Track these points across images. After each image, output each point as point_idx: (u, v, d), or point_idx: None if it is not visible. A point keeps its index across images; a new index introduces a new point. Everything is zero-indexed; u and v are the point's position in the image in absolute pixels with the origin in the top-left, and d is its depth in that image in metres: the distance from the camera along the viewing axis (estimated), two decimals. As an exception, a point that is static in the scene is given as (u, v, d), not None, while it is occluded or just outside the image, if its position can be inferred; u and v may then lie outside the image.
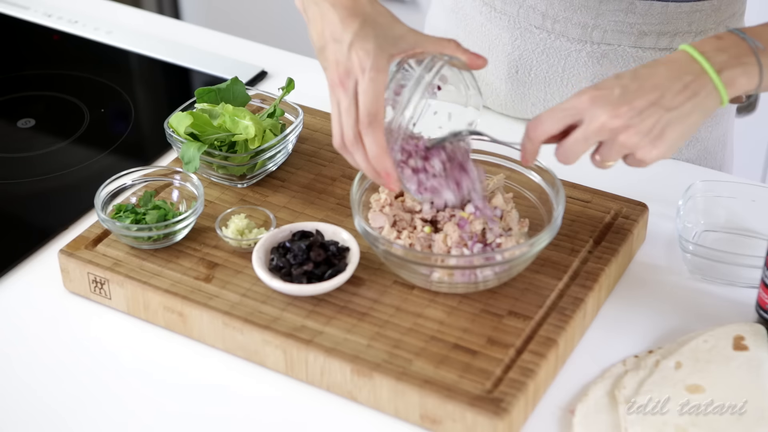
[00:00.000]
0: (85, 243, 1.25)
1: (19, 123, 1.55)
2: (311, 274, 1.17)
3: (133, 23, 1.74)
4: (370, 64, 1.11)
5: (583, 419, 1.09)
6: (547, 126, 1.12)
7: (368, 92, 1.11)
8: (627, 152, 1.10)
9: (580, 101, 1.10)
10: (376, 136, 1.11)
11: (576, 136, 1.10)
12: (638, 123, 1.08)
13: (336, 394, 1.13)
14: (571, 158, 1.12)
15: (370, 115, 1.11)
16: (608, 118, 1.08)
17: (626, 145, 1.09)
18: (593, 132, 1.09)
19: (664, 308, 1.22)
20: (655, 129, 1.08)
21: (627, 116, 1.08)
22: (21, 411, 1.14)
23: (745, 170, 2.38)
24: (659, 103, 1.08)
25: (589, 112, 1.09)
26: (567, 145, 1.11)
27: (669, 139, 1.09)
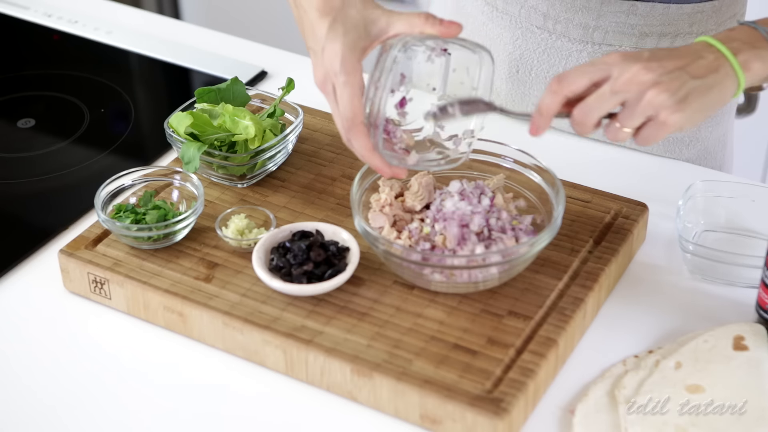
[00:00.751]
0: (85, 243, 1.25)
1: (19, 123, 1.55)
2: (311, 274, 1.17)
3: (133, 23, 1.74)
4: (338, 68, 1.12)
5: (583, 419, 1.09)
6: (574, 79, 1.10)
7: (342, 98, 1.13)
8: (651, 112, 1.08)
9: (609, 58, 1.09)
10: (357, 139, 1.13)
11: (603, 90, 1.08)
12: (668, 81, 1.07)
13: (336, 394, 1.13)
14: (591, 117, 1.09)
15: (346, 120, 1.13)
16: (639, 70, 1.07)
17: (652, 104, 1.07)
18: (623, 84, 1.07)
19: (664, 308, 1.22)
20: (681, 91, 1.07)
21: (658, 71, 1.07)
22: (21, 411, 1.14)
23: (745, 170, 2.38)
24: (686, 69, 1.08)
25: (619, 66, 1.08)
26: (590, 101, 1.09)
27: (692, 105, 1.08)
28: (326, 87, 1.15)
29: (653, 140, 1.10)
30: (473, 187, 1.21)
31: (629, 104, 1.09)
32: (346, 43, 1.13)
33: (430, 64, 1.18)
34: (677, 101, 1.07)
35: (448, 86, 1.19)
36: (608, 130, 1.11)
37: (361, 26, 1.13)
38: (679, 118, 1.08)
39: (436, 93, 1.20)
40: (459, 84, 1.18)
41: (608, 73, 1.09)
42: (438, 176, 1.27)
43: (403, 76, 1.17)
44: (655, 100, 1.07)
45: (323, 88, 1.15)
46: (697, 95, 1.08)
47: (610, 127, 1.11)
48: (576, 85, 1.10)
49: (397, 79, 1.16)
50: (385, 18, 1.14)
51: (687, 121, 1.09)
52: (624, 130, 1.10)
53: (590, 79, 1.09)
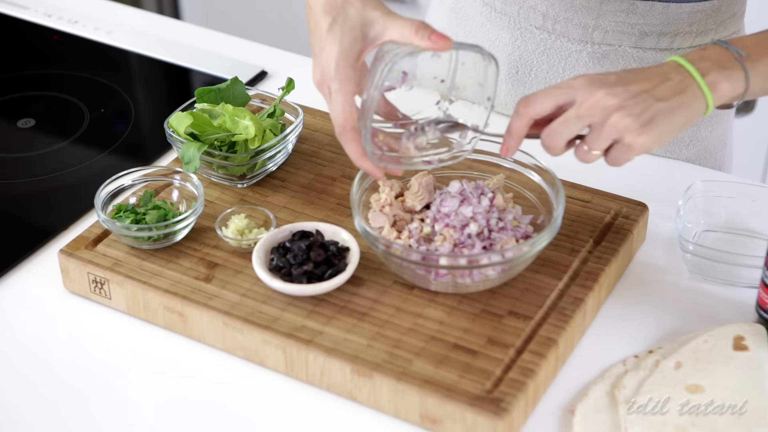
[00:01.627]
0: (85, 243, 1.25)
1: (19, 123, 1.55)
2: (311, 274, 1.17)
3: (133, 23, 1.74)
4: (333, 73, 1.13)
5: (583, 419, 1.09)
6: (539, 102, 1.12)
7: (334, 105, 1.14)
8: (616, 136, 1.09)
9: (575, 82, 1.11)
10: (348, 145, 1.14)
11: (567, 115, 1.10)
12: (632, 105, 1.09)
13: (336, 394, 1.13)
14: (557, 140, 1.11)
15: (338, 126, 1.14)
16: (603, 95, 1.09)
17: (616, 127, 1.09)
18: (587, 109, 1.09)
19: (664, 308, 1.22)
20: (645, 114, 1.09)
21: (622, 96, 1.09)
22: (21, 411, 1.14)
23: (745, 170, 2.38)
24: (651, 92, 1.10)
25: (584, 91, 1.10)
26: (555, 126, 1.11)
27: (657, 128, 1.09)
28: (323, 89, 1.16)
29: (622, 161, 1.12)
30: (473, 187, 1.21)
31: (594, 128, 1.10)
32: (342, 49, 1.13)
33: (437, 59, 1.18)
34: (641, 124, 1.09)
35: (457, 78, 1.19)
36: (577, 152, 1.13)
37: (358, 28, 1.14)
38: (644, 140, 1.09)
39: (444, 84, 1.20)
40: (467, 78, 1.18)
41: (573, 97, 1.10)
42: (438, 176, 1.27)
43: (404, 74, 1.17)
44: (618, 124, 1.09)
45: (320, 88, 1.17)
46: (662, 117, 1.10)
47: (579, 149, 1.13)
48: (541, 108, 1.12)
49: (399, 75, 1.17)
50: (382, 21, 1.14)
51: (653, 143, 1.10)
52: (592, 152, 1.12)
53: (555, 102, 1.11)
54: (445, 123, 1.19)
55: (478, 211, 1.19)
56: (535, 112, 1.12)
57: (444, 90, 1.20)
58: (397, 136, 1.20)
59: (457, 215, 1.19)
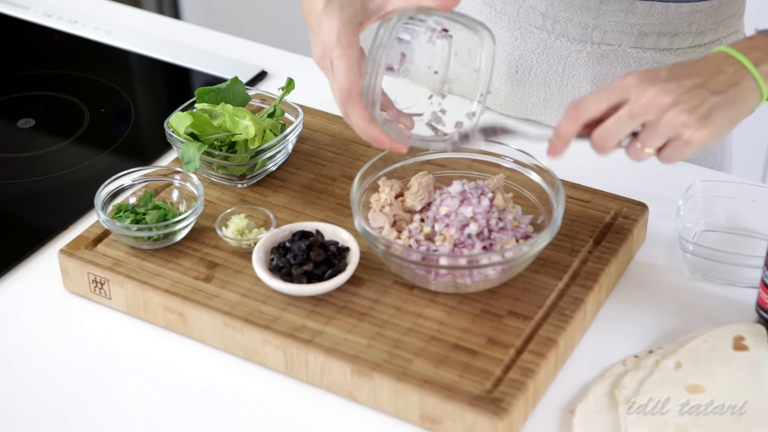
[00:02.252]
0: (85, 243, 1.25)
1: (19, 123, 1.55)
2: (311, 274, 1.17)
3: (133, 23, 1.74)
4: (335, 41, 1.13)
5: (583, 419, 1.09)
6: (592, 105, 1.09)
7: (338, 71, 1.13)
8: (673, 133, 1.07)
9: (626, 80, 1.08)
10: (354, 110, 1.13)
11: (621, 114, 1.07)
12: (687, 100, 1.06)
13: (336, 394, 1.13)
14: (610, 140, 1.09)
15: (343, 92, 1.13)
16: (657, 92, 1.06)
17: (673, 124, 1.06)
18: (641, 107, 1.07)
19: (664, 308, 1.22)
20: (702, 109, 1.06)
21: (676, 92, 1.06)
22: (21, 411, 1.14)
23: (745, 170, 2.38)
24: (705, 85, 1.07)
25: (636, 89, 1.07)
26: (608, 125, 1.08)
27: (715, 121, 1.07)
28: (324, 62, 1.15)
29: (677, 159, 1.09)
30: (473, 187, 1.21)
31: (650, 126, 1.08)
32: (343, 19, 1.13)
33: (431, 46, 1.18)
34: (699, 118, 1.06)
35: (450, 69, 1.19)
36: (630, 150, 1.11)
37: (357, 1, 1.14)
38: (703, 134, 1.07)
39: (437, 76, 1.20)
40: (461, 67, 1.18)
41: (626, 96, 1.08)
42: (438, 176, 1.27)
43: (403, 55, 1.17)
44: (675, 121, 1.06)
45: (321, 63, 1.16)
46: (719, 111, 1.07)
47: (632, 148, 1.10)
48: (593, 111, 1.09)
49: (397, 56, 1.17)
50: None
51: (712, 137, 1.07)
52: (645, 150, 1.09)
53: (608, 103, 1.09)
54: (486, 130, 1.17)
55: (478, 211, 1.19)
56: (588, 116, 1.09)
57: (437, 83, 1.20)
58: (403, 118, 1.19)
59: (457, 215, 1.19)
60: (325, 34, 1.14)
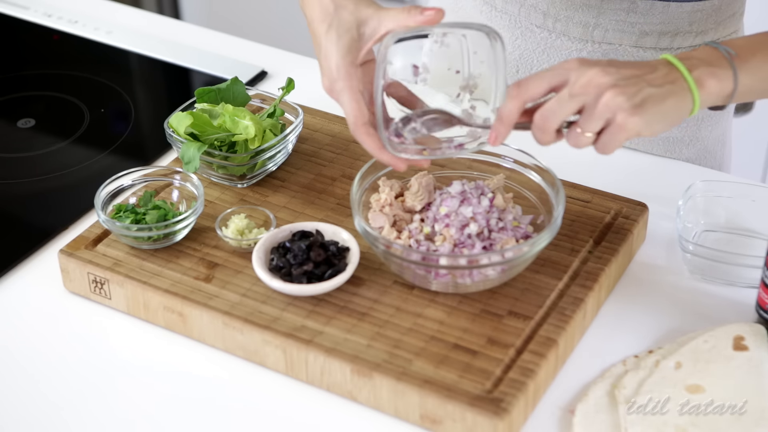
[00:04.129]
0: (85, 243, 1.25)
1: (19, 123, 1.55)
2: (311, 274, 1.17)
3: (133, 23, 1.74)
4: (335, 75, 1.15)
5: (583, 419, 1.09)
6: (533, 85, 1.10)
7: (343, 104, 1.16)
8: (609, 115, 1.08)
9: (567, 63, 1.10)
10: (364, 140, 1.15)
11: (561, 94, 1.09)
12: (624, 85, 1.08)
13: (336, 394, 1.13)
14: (551, 121, 1.10)
15: (351, 124, 1.15)
16: (596, 73, 1.08)
17: (609, 105, 1.08)
18: (580, 87, 1.08)
19: (664, 308, 1.22)
20: (638, 96, 1.08)
21: (615, 76, 1.08)
22: (22, 411, 1.14)
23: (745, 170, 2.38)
24: (642, 77, 1.09)
25: (577, 70, 1.09)
26: (549, 105, 1.10)
27: (648, 111, 1.08)
28: (333, 93, 1.18)
29: (612, 146, 1.10)
30: (473, 188, 1.21)
31: (587, 107, 1.09)
32: (340, 49, 1.15)
33: (447, 49, 1.18)
34: (634, 105, 1.08)
35: (472, 67, 1.19)
36: (570, 136, 1.12)
37: (353, 29, 1.15)
38: (636, 121, 1.08)
39: (459, 75, 1.20)
40: (480, 63, 1.18)
41: (566, 77, 1.10)
42: (438, 176, 1.27)
43: (416, 67, 1.17)
44: (611, 102, 1.08)
45: (330, 94, 1.18)
46: (653, 102, 1.09)
47: (572, 133, 1.11)
48: (535, 90, 1.10)
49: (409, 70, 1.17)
50: (377, 17, 1.15)
51: (645, 126, 1.09)
52: (585, 134, 1.10)
53: (549, 83, 1.10)
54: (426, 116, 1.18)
55: (478, 211, 1.19)
56: (528, 95, 1.11)
57: (462, 81, 1.19)
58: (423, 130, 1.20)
59: (457, 215, 1.19)
60: (327, 66, 1.16)
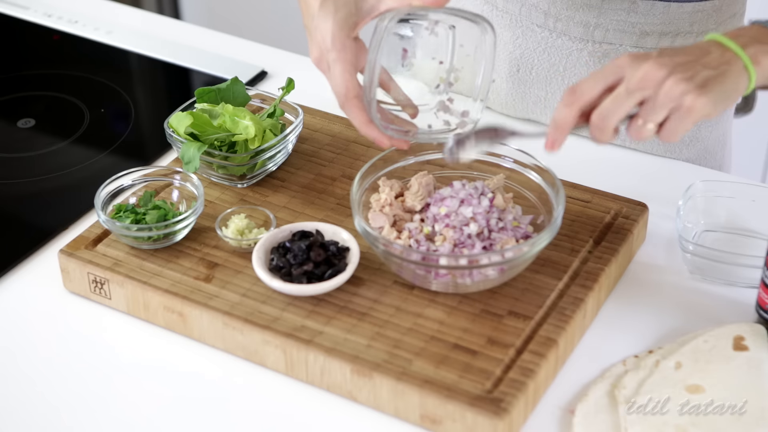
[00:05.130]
0: (85, 243, 1.25)
1: (19, 123, 1.55)
2: (311, 274, 1.17)
3: (133, 23, 1.74)
4: (329, 44, 1.14)
5: (583, 419, 1.09)
6: (587, 88, 1.08)
7: (334, 75, 1.15)
8: (673, 104, 1.06)
9: (619, 60, 1.08)
10: (352, 112, 1.15)
11: (618, 91, 1.07)
12: (682, 71, 1.06)
13: (336, 394, 1.13)
14: (610, 120, 1.08)
15: (339, 95, 1.15)
16: (651, 67, 1.06)
17: (672, 95, 1.06)
18: (637, 83, 1.06)
19: (664, 308, 1.22)
20: (698, 78, 1.06)
21: (670, 66, 1.06)
22: (21, 411, 1.14)
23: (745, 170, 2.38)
24: (697, 61, 1.07)
25: (630, 67, 1.07)
26: (607, 104, 1.07)
27: (713, 90, 1.06)
28: (321, 64, 1.17)
29: (680, 132, 1.08)
30: (473, 188, 1.21)
31: (649, 100, 1.07)
32: (337, 21, 1.15)
33: (434, 38, 1.19)
34: (698, 86, 1.06)
35: (456, 60, 1.19)
36: (631, 129, 1.09)
37: (351, 3, 1.16)
38: (704, 102, 1.06)
39: (443, 66, 1.20)
40: (465, 56, 1.18)
41: (621, 74, 1.08)
42: (438, 176, 1.27)
43: (405, 50, 1.18)
44: (674, 91, 1.06)
45: (319, 65, 1.18)
46: (715, 81, 1.07)
47: (633, 126, 1.09)
48: (590, 94, 1.09)
49: (399, 52, 1.18)
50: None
51: (713, 106, 1.06)
52: (648, 126, 1.08)
53: (604, 84, 1.08)
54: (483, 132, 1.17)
55: (478, 211, 1.18)
56: (584, 101, 1.09)
57: (443, 72, 1.20)
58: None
59: (457, 215, 1.19)
60: (320, 36, 1.15)
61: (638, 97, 1.07)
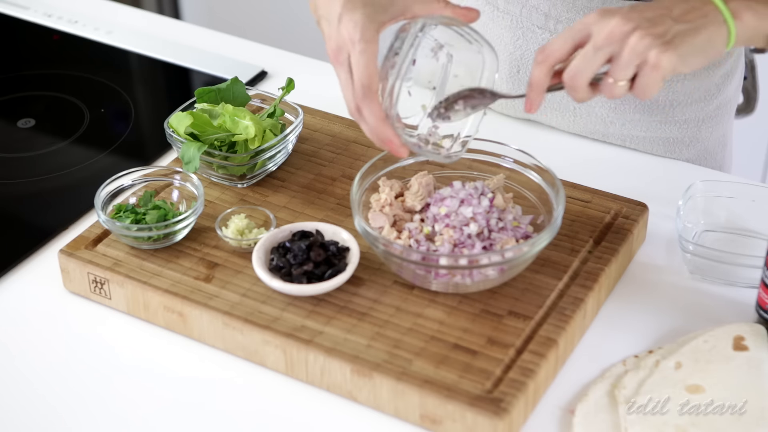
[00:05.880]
0: (85, 243, 1.25)
1: (19, 123, 1.55)
2: (311, 274, 1.17)
3: (133, 23, 1.74)
4: (358, 36, 1.11)
5: (583, 419, 1.09)
6: (557, 46, 1.09)
7: (359, 65, 1.11)
8: (639, 59, 1.06)
9: (587, 18, 1.08)
10: (371, 107, 1.11)
11: (585, 50, 1.07)
12: (649, 26, 1.05)
13: (336, 394, 1.13)
14: (581, 79, 1.08)
15: (363, 87, 1.11)
16: (618, 22, 1.06)
17: (637, 50, 1.05)
18: (603, 39, 1.06)
19: (664, 308, 1.22)
20: (667, 34, 1.05)
21: (637, 20, 1.06)
22: (21, 411, 1.14)
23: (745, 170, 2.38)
24: (669, 14, 1.07)
25: (598, 24, 1.07)
26: (576, 62, 1.08)
27: (681, 46, 1.05)
28: (340, 57, 1.13)
29: (651, 89, 1.08)
30: (473, 188, 1.21)
31: (615, 56, 1.07)
32: (366, 14, 1.12)
33: (435, 62, 1.18)
34: (663, 42, 1.05)
35: (447, 88, 1.19)
36: (604, 88, 1.10)
37: (378, 4, 1.13)
38: (669, 57, 1.05)
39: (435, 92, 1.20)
40: (459, 86, 1.18)
41: (588, 31, 1.08)
42: (438, 176, 1.27)
43: (414, 61, 1.17)
44: (639, 45, 1.05)
45: (336, 58, 1.13)
46: (683, 37, 1.06)
47: (605, 84, 1.09)
48: (560, 52, 1.09)
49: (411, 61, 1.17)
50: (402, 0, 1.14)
51: (680, 61, 1.06)
52: (619, 84, 1.08)
53: (572, 41, 1.09)
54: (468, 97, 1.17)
55: (478, 211, 1.19)
56: (554, 58, 1.09)
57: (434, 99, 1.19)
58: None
59: (457, 215, 1.19)
60: (346, 27, 1.12)
61: (606, 54, 1.07)
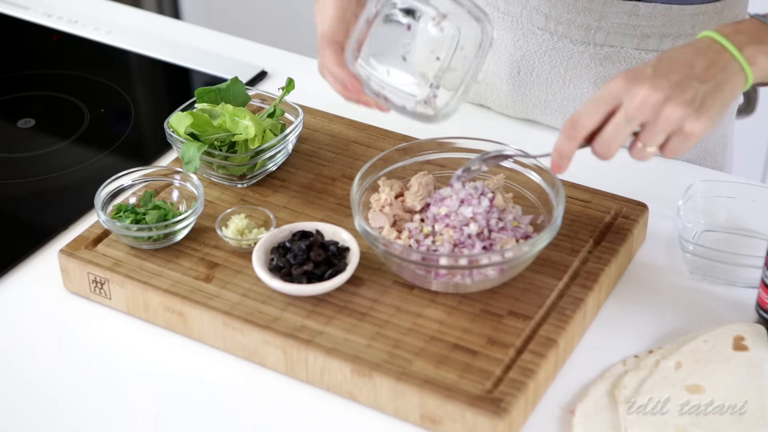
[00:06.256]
0: (85, 243, 1.25)
1: (19, 123, 1.55)
2: (311, 274, 1.17)
3: (133, 23, 1.74)
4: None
5: (583, 419, 1.09)
6: (587, 118, 1.09)
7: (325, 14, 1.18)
8: (672, 128, 1.07)
9: (613, 85, 1.09)
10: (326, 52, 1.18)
11: (617, 119, 1.08)
12: (679, 94, 1.07)
13: (336, 394, 1.13)
14: (612, 147, 1.09)
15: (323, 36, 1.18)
16: (648, 92, 1.07)
17: (671, 120, 1.07)
18: (635, 110, 1.07)
19: (664, 308, 1.22)
20: (696, 100, 1.07)
21: (667, 88, 1.07)
22: (21, 410, 1.14)
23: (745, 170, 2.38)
24: (693, 75, 1.08)
25: (627, 92, 1.08)
26: (608, 133, 1.09)
27: (710, 109, 1.07)
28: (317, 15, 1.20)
29: (681, 152, 1.10)
30: (473, 188, 1.21)
31: (648, 124, 1.08)
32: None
33: (439, 33, 1.18)
34: (695, 109, 1.07)
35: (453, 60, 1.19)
36: (633, 151, 1.11)
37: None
38: (703, 124, 1.07)
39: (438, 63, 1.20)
40: (463, 58, 1.18)
41: (618, 101, 1.08)
42: (438, 176, 1.27)
43: (409, 27, 1.17)
44: (673, 116, 1.07)
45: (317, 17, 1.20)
46: (711, 98, 1.08)
47: (634, 149, 1.11)
48: (590, 125, 1.10)
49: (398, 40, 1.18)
50: None
51: (711, 124, 1.08)
52: (648, 149, 1.10)
53: (603, 113, 1.09)
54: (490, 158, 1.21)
55: (478, 211, 1.19)
56: (586, 131, 1.10)
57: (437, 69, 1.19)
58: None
59: (457, 215, 1.19)
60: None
61: (637, 122, 1.08)
